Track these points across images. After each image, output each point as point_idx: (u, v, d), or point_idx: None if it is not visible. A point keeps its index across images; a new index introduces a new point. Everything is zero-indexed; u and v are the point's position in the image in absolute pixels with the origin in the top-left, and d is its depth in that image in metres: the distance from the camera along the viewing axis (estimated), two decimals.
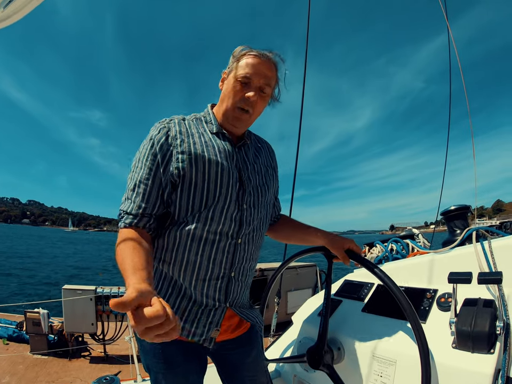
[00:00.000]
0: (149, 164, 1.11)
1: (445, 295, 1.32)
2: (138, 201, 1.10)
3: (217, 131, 1.21)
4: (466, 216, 1.75)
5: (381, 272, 1.18)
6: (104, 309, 4.83)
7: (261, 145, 1.38)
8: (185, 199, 1.11)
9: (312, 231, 1.42)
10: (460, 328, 1.11)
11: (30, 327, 4.89)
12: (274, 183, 1.37)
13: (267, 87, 1.18)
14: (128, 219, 1.09)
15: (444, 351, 1.13)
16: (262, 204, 1.25)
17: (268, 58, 1.18)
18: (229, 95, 1.17)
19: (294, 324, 1.77)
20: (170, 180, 1.11)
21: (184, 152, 1.11)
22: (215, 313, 1.17)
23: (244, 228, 1.18)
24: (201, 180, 1.10)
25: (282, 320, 5.47)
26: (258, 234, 1.25)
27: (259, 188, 1.24)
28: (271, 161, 1.39)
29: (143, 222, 1.10)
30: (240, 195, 1.16)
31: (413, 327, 1.07)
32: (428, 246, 1.92)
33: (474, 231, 1.46)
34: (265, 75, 1.17)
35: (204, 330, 1.15)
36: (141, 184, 1.11)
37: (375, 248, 1.95)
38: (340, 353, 1.37)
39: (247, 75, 1.14)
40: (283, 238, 1.50)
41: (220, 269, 1.15)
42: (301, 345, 1.49)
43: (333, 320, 1.50)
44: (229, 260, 1.16)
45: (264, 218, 1.29)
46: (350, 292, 1.68)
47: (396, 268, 1.60)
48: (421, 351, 1.04)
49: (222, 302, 1.18)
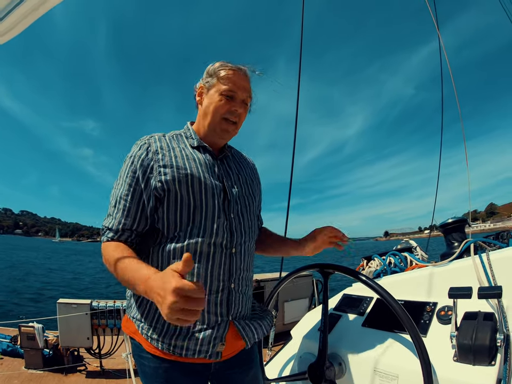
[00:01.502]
0: (129, 181, 1.14)
1: (445, 308, 1.32)
2: (119, 217, 1.13)
3: (197, 145, 1.25)
4: (463, 228, 1.76)
5: (378, 286, 1.19)
6: (99, 323, 4.73)
7: (243, 159, 1.43)
8: (172, 213, 1.13)
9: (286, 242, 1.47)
10: (461, 341, 1.11)
11: (24, 341, 4.79)
12: (259, 193, 1.42)
13: (248, 99, 1.27)
14: (110, 234, 1.14)
15: (445, 364, 1.13)
16: (250, 213, 1.27)
17: (244, 72, 1.26)
18: (215, 109, 1.22)
19: (294, 339, 1.75)
20: (154, 194, 1.12)
21: (166, 166, 1.13)
22: (219, 327, 1.13)
23: (236, 237, 1.18)
24: (186, 192, 1.12)
25: (280, 330, 5.45)
26: (251, 244, 1.27)
27: (245, 198, 1.28)
28: (254, 173, 1.43)
29: (124, 237, 1.14)
30: (226, 205, 1.18)
31: (414, 341, 1.07)
32: (426, 258, 1.93)
33: (472, 244, 1.47)
34: (245, 88, 1.25)
35: (209, 347, 1.11)
36: (121, 201, 1.14)
37: (373, 262, 1.94)
38: (341, 368, 1.36)
39: (232, 89, 1.21)
40: (259, 251, 1.49)
41: (219, 282, 1.14)
42: (301, 361, 1.48)
43: (333, 335, 1.50)
44: (227, 272, 1.16)
45: (254, 227, 1.31)
46: (349, 306, 1.67)
47: (394, 282, 1.60)
48: (423, 365, 1.04)
49: (224, 315, 1.15)
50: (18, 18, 0.98)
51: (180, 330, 1.11)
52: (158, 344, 1.10)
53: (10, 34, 1.08)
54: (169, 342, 1.09)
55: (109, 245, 1.12)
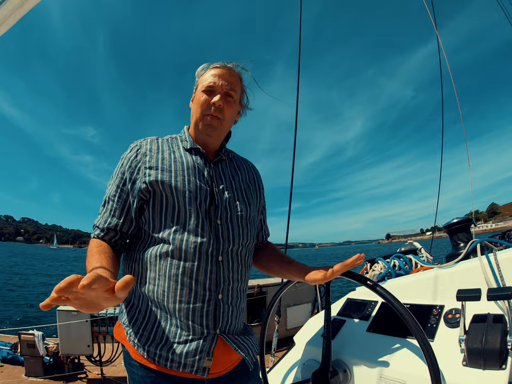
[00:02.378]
0: (117, 182, 1.17)
1: (452, 311, 1.29)
2: (106, 216, 1.16)
3: (190, 147, 1.24)
4: (469, 228, 1.72)
5: (382, 289, 1.15)
6: (100, 330, 4.72)
7: (243, 164, 1.39)
8: (157, 214, 1.12)
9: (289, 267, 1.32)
10: (470, 345, 1.09)
11: (24, 349, 4.77)
12: (258, 201, 1.34)
13: (232, 92, 1.23)
14: (96, 231, 1.16)
15: (454, 369, 1.10)
16: (243, 220, 1.21)
17: (228, 67, 1.25)
18: (197, 108, 1.22)
19: (297, 345, 1.71)
20: (140, 195, 1.13)
21: (152, 167, 1.14)
22: (205, 340, 1.09)
23: (222, 244, 1.13)
24: (170, 194, 1.11)
25: (283, 336, 5.42)
26: (243, 253, 1.21)
27: (237, 204, 1.22)
28: (254, 179, 1.38)
29: (108, 236, 1.15)
30: (212, 210, 1.15)
31: (421, 346, 1.03)
32: (431, 260, 1.89)
33: (478, 244, 1.43)
34: (228, 80, 1.22)
35: (195, 360, 1.07)
36: (110, 201, 1.17)
37: (377, 265, 1.91)
38: (346, 375, 1.32)
39: (210, 84, 1.20)
40: (261, 267, 1.42)
41: (205, 291, 1.09)
42: (305, 368, 1.44)
43: (337, 341, 1.46)
44: (213, 281, 1.11)
45: (250, 236, 1.24)
46: (353, 311, 1.64)
47: (399, 285, 1.57)
48: (431, 370, 1.00)
49: (211, 328, 1.10)
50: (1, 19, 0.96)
51: (166, 340, 1.08)
52: (143, 352, 1.08)
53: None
54: (154, 351, 1.07)
55: (93, 241, 1.14)
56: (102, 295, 0.73)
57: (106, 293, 0.73)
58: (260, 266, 1.42)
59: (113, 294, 0.73)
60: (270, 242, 1.49)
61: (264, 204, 1.42)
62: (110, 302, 0.76)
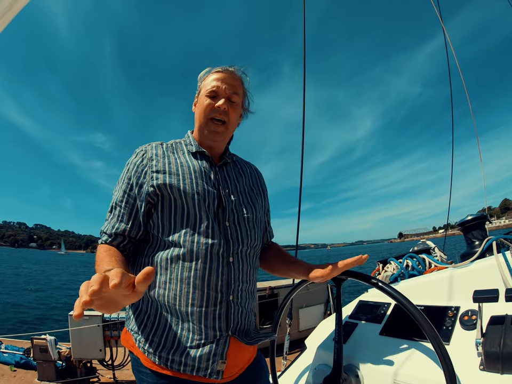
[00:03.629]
0: (124, 187, 1.17)
1: (468, 312, 1.25)
2: (113, 222, 1.16)
3: (196, 150, 1.25)
4: (484, 225, 1.67)
5: (394, 290, 1.11)
6: (112, 334, 4.75)
7: (246, 167, 1.41)
8: (166, 217, 1.12)
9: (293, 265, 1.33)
10: (488, 349, 1.05)
11: (37, 353, 4.81)
12: (262, 203, 1.37)
13: (234, 96, 1.24)
14: (104, 237, 1.16)
15: (470, 374, 1.06)
16: (249, 222, 1.23)
17: (230, 71, 1.26)
18: (201, 112, 1.23)
19: (308, 349, 1.68)
20: (148, 200, 1.13)
21: (159, 171, 1.14)
22: (218, 343, 1.09)
23: (232, 246, 1.15)
24: (179, 197, 1.11)
25: (295, 338, 5.37)
26: (252, 254, 1.23)
27: (243, 206, 1.24)
28: (258, 182, 1.40)
29: (116, 242, 1.15)
30: (220, 213, 1.16)
31: (437, 350, 1.00)
32: (445, 259, 1.84)
33: (494, 241, 1.39)
34: (230, 84, 1.24)
35: (208, 364, 1.07)
36: (117, 207, 1.17)
37: (389, 266, 1.87)
38: (358, 380, 1.28)
39: (213, 88, 1.22)
40: (266, 267, 1.43)
41: (217, 293, 1.10)
42: (316, 373, 1.41)
43: (349, 345, 1.42)
44: (224, 282, 1.11)
45: (257, 238, 1.26)
46: (365, 313, 1.60)
47: (413, 286, 1.53)
48: (447, 375, 0.96)
49: (223, 330, 1.11)
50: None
51: (178, 345, 1.07)
52: (155, 358, 1.07)
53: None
54: (166, 357, 1.06)
55: (101, 246, 1.13)
56: (122, 292, 0.73)
57: (126, 290, 0.72)
58: (265, 267, 1.43)
59: (133, 290, 0.73)
60: (274, 243, 1.51)
61: (268, 207, 1.45)
62: (130, 299, 0.76)
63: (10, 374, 5.10)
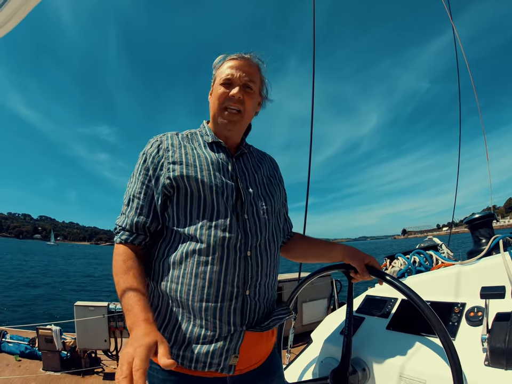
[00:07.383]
0: (142, 178, 1.12)
1: (474, 308, 1.26)
2: (132, 215, 1.11)
3: (212, 141, 1.21)
4: (491, 223, 1.68)
5: (406, 287, 1.11)
6: (117, 325, 4.79)
7: (262, 157, 1.37)
8: (182, 210, 1.08)
9: (330, 246, 1.35)
10: (493, 344, 1.06)
11: (42, 344, 4.84)
12: (280, 194, 1.32)
13: (251, 83, 1.19)
14: (124, 235, 1.11)
15: (476, 369, 1.07)
16: (268, 214, 1.19)
17: (246, 58, 1.21)
18: (215, 101, 1.19)
19: (314, 342, 1.69)
20: (164, 192, 1.09)
21: (176, 162, 1.10)
22: (232, 338, 1.05)
23: (251, 239, 1.10)
24: (196, 189, 1.07)
25: (299, 332, 5.39)
26: (271, 247, 1.17)
27: (262, 198, 1.19)
28: (275, 173, 1.36)
29: (138, 240, 1.11)
30: (239, 205, 1.12)
31: (444, 345, 1.00)
32: (452, 256, 1.85)
33: (501, 240, 1.40)
34: (246, 71, 1.19)
35: (221, 360, 1.03)
36: (135, 199, 1.12)
37: (396, 261, 1.87)
38: (365, 374, 1.30)
39: (228, 76, 1.17)
40: (299, 257, 1.43)
41: (233, 287, 1.05)
42: (322, 365, 1.43)
43: (356, 339, 1.43)
44: (241, 277, 1.06)
45: (276, 230, 1.23)
46: (372, 308, 1.61)
47: (420, 282, 1.54)
48: (454, 370, 0.97)
49: (238, 325, 1.06)
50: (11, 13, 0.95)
51: (190, 341, 1.04)
52: None
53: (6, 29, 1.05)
54: (177, 353, 1.03)
55: (121, 252, 1.08)
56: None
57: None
58: (296, 257, 1.42)
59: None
60: (296, 232, 1.48)
61: (286, 196, 1.41)
62: None
63: (15, 363, 5.14)
